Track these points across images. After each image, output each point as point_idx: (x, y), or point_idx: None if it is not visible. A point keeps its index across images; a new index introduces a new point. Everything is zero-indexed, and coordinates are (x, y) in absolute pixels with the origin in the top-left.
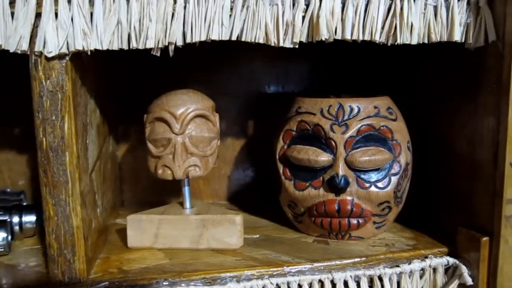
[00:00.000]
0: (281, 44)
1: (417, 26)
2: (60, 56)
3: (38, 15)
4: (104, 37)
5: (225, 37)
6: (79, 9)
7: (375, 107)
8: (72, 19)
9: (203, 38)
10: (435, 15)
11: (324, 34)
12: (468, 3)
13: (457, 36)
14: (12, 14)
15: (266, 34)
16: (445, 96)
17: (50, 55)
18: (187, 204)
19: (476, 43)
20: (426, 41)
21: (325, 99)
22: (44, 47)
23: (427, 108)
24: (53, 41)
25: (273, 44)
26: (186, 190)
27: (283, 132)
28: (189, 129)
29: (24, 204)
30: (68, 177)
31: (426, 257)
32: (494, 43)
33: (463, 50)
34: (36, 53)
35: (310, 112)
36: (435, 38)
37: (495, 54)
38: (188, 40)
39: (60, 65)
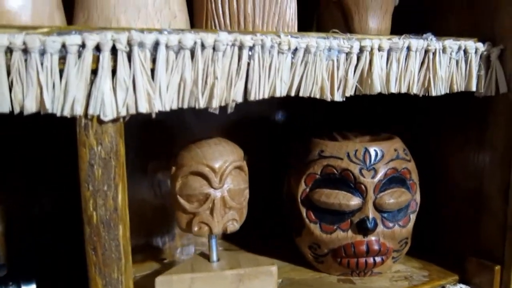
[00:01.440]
0: (334, 98)
1: (445, 78)
2: (115, 119)
3: (93, 73)
4: (166, 96)
5: (284, 93)
6: (141, 66)
7: (395, 150)
8: (133, 78)
9: (266, 96)
10: (456, 67)
11: (377, 89)
12: (481, 56)
13: (474, 87)
14: (61, 72)
15: (322, 88)
16: (450, 134)
17: (106, 119)
18: (214, 257)
19: (487, 93)
20: (448, 92)
21: (349, 143)
22: (100, 110)
23: (431, 145)
24: (110, 104)
25: (327, 99)
26: (213, 242)
27: (305, 176)
28: (227, 182)
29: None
30: (121, 253)
31: (444, 287)
32: (504, 94)
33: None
34: (88, 117)
35: (337, 157)
36: (456, 88)
37: (504, 101)
38: (251, 98)
39: (114, 128)
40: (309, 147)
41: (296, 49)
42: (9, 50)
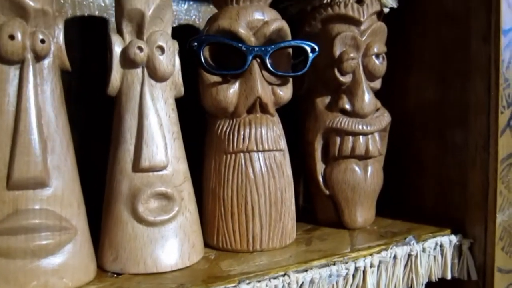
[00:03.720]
0: None
1: (425, 273)
2: None
3: None
4: None
5: None
6: None
7: None
8: None
9: None
10: (434, 261)
11: None
12: (454, 247)
13: (449, 275)
14: None
15: None
16: None
17: None
18: None
19: (460, 277)
20: (426, 281)
21: None
22: None
23: None
24: None
25: None
26: None
27: None
28: None
29: None
30: None
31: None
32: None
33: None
34: None
35: None
36: (434, 278)
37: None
38: None
39: None
40: None
41: (302, 283)
42: None
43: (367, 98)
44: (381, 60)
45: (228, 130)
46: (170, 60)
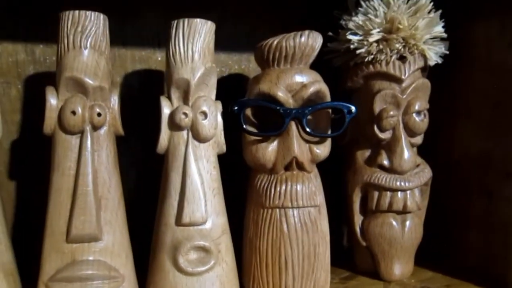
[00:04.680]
0: None
1: None
2: None
3: None
4: None
5: None
6: None
7: None
8: None
9: None
10: None
11: None
12: None
13: None
14: None
15: None
16: None
17: None
18: None
19: None
20: None
21: None
22: None
23: None
24: None
25: None
26: None
27: None
28: None
29: None
30: None
31: None
32: None
33: None
34: None
35: None
36: None
37: None
38: None
39: None
40: None
41: None
42: None
43: (406, 156)
44: (422, 117)
45: (266, 186)
46: (212, 124)
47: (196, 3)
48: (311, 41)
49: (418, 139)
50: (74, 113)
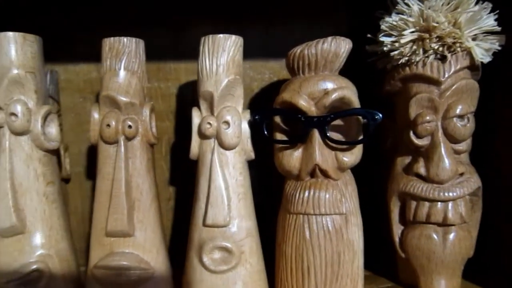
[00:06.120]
0: None
1: None
2: None
3: None
4: None
5: None
6: None
7: None
8: None
9: None
10: None
11: None
12: None
13: None
14: None
15: None
16: None
17: None
18: None
19: None
20: None
21: None
22: None
23: None
24: None
25: None
26: None
27: None
28: None
29: None
30: None
31: None
32: None
33: None
34: None
35: None
36: None
37: None
38: None
39: None
40: None
41: None
42: None
43: (445, 164)
44: (465, 121)
45: (292, 192)
46: (235, 133)
47: (246, 9)
48: (334, 47)
49: (464, 146)
50: (108, 125)
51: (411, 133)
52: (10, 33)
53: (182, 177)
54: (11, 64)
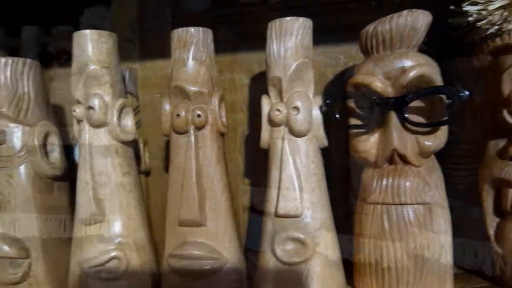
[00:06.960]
0: None
1: None
2: None
3: None
4: None
5: None
6: None
7: None
8: None
9: None
10: None
11: None
12: None
13: None
14: None
15: None
16: None
17: None
18: None
19: None
20: None
21: None
22: None
23: None
24: None
25: None
26: None
27: None
28: None
29: None
30: None
31: None
32: None
33: None
34: None
35: None
36: None
37: None
38: None
39: None
40: None
41: None
42: None
43: None
44: None
45: (369, 180)
46: (305, 119)
47: None
48: (411, 21)
49: None
50: (178, 115)
51: (505, 112)
52: (87, 31)
53: (256, 169)
54: (88, 60)
